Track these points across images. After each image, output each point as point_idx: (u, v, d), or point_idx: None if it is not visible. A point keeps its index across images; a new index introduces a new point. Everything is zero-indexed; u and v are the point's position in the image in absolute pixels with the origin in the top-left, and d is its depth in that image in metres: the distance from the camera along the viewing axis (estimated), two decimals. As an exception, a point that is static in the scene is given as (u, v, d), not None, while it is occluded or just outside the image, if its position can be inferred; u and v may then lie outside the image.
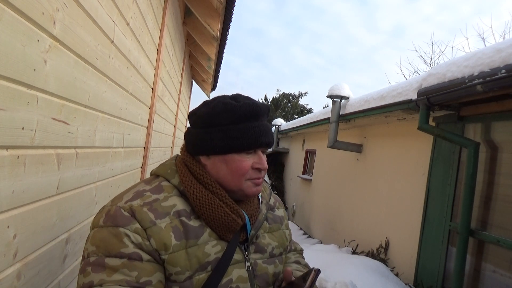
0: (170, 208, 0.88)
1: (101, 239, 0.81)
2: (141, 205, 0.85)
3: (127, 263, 0.79)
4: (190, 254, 0.86)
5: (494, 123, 2.92)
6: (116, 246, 0.80)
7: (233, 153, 0.92)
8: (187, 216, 0.89)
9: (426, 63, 17.27)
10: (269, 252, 1.01)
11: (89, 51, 1.25)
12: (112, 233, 0.81)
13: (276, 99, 16.26)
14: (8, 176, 0.84)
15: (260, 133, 0.93)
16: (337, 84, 5.46)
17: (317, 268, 0.95)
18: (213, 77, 7.00)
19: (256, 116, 0.94)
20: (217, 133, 0.92)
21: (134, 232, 0.81)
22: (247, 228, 0.96)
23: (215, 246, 0.89)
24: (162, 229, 0.84)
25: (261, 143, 0.93)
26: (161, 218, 0.85)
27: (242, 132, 0.92)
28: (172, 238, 0.84)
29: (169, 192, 0.91)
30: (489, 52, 2.49)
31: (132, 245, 0.80)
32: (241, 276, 0.91)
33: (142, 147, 2.66)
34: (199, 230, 0.89)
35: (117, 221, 0.82)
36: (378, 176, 4.87)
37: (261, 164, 0.94)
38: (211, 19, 3.66)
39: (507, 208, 2.68)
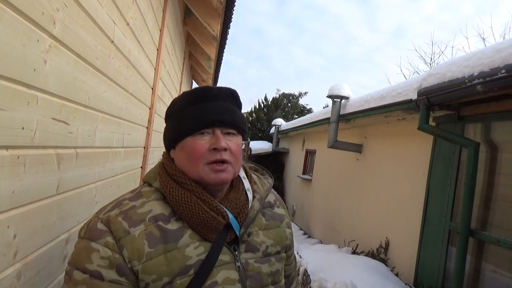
0: (146, 214, 0.85)
1: (76, 251, 0.83)
2: (117, 214, 0.84)
3: (88, 280, 0.79)
4: (169, 258, 0.83)
5: (494, 123, 2.92)
6: (83, 261, 0.80)
7: (187, 136, 0.90)
8: (165, 219, 0.86)
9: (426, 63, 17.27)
10: (262, 250, 0.96)
11: (89, 51, 1.25)
12: (85, 246, 0.81)
13: (276, 99, 16.25)
14: (8, 176, 0.84)
15: (209, 111, 0.90)
16: (337, 84, 5.46)
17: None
18: (213, 77, 7.01)
19: (205, 97, 0.92)
20: (173, 121, 0.94)
21: (104, 246, 0.80)
22: (234, 227, 0.91)
23: (197, 248, 0.86)
24: (135, 237, 0.82)
25: (210, 120, 0.89)
26: (135, 226, 0.83)
27: (190, 114, 0.90)
28: (145, 246, 0.82)
29: (148, 197, 0.89)
30: (489, 52, 2.49)
31: (98, 262, 0.79)
32: (228, 278, 0.87)
33: (142, 147, 2.66)
34: (178, 233, 0.85)
35: (91, 234, 0.82)
36: (378, 176, 4.87)
37: (217, 143, 0.88)
38: (211, 19, 3.67)
39: (507, 208, 2.68)
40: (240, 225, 0.93)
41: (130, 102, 2.02)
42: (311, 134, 8.70)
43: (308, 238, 7.30)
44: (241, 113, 0.98)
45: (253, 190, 1.01)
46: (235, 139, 0.94)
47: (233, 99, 0.98)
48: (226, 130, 0.92)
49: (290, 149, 11.20)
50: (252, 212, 0.96)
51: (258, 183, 1.05)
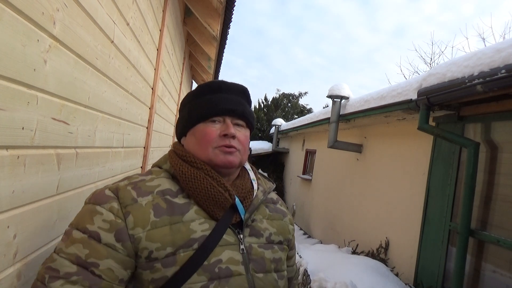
0: (154, 187, 0.90)
1: (80, 213, 0.86)
2: (126, 184, 0.89)
3: (85, 239, 0.81)
4: (174, 230, 0.85)
5: (494, 123, 2.92)
6: (85, 221, 0.83)
7: (199, 123, 0.97)
8: (172, 194, 0.90)
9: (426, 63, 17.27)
10: (265, 237, 0.99)
11: (89, 51, 1.25)
12: (90, 209, 0.85)
13: (276, 99, 16.25)
14: (8, 176, 0.84)
15: (220, 101, 0.97)
16: (337, 84, 5.46)
17: None
18: (213, 77, 7.00)
19: (219, 89, 1.00)
20: (186, 110, 1.01)
21: (108, 210, 0.83)
22: (240, 210, 0.94)
23: (202, 224, 0.89)
24: (142, 206, 0.85)
25: (221, 108, 0.96)
26: (143, 196, 0.87)
27: (203, 102, 0.98)
28: (151, 215, 0.85)
29: (157, 175, 0.94)
30: (489, 52, 2.49)
31: (99, 224, 0.82)
32: (232, 258, 0.89)
33: (142, 147, 2.66)
34: (184, 207, 0.89)
35: (97, 199, 0.86)
36: (378, 176, 4.87)
37: (227, 130, 0.95)
38: (211, 19, 3.66)
39: (507, 208, 2.68)
40: (245, 210, 0.96)
41: (130, 102, 2.02)
42: (311, 134, 8.70)
43: (308, 238, 7.30)
44: (250, 108, 1.05)
45: (258, 183, 1.06)
46: (243, 131, 1.00)
47: (244, 95, 1.05)
48: (235, 120, 0.98)
49: (290, 149, 11.20)
50: (257, 200, 1.00)
51: (261, 180, 1.10)
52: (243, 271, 0.89)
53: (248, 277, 0.90)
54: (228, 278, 0.86)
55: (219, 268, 0.86)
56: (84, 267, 0.79)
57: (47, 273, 0.79)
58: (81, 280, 0.78)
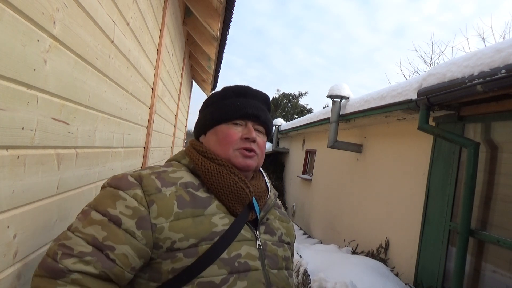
0: (177, 179, 0.92)
1: (100, 196, 0.87)
2: (149, 173, 0.90)
3: (105, 222, 0.82)
4: (197, 222, 0.87)
5: (494, 123, 2.92)
6: (106, 204, 0.84)
7: (221, 123, 1.00)
8: (194, 187, 0.92)
9: (426, 63, 17.27)
10: (278, 236, 1.03)
11: (89, 51, 1.25)
12: (111, 193, 0.86)
13: (276, 99, 16.25)
14: (8, 176, 0.84)
15: (245, 105, 1.01)
16: (337, 84, 5.46)
17: None
18: (213, 77, 7.00)
19: (244, 93, 1.03)
20: (209, 110, 1.05)
21: (131, 197, 0.84)
22: (256, 208, 0.98)
23: (222, 218, 0.91)
24: (166, 196, 0.87)
25: (246, 113, 1.00)
26: (166, 187, 0.88)
27: (229, 104, 1.01)
28: (174, 206, 0.86)
29: (178, 168, 0.96)
30: (489, 52, 2.49)
31: (122, 209, 0.83)
32: (250, 253, 0.92)
33: (142, 147, 2.66)
34: (206, 201, 0.91)
35: (120, 184, 0.86)
36: (378, 176, 4.87)
37: (249, 134, 0.99)
38: (211, 19, 3.66)
39: (507, 208, 2.68)
40: (260, 208, 1.00)
41: (130, 102, 2.02)
42: (311, 134, 8.70)
43: (308, 238, 7.30)
44: (270, 116, 1.11)
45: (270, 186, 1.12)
46: (262, 136, 1.05)
47: (266, 103, 1.10)
48: (256, 126, 1.03)
49: (290, 149, 11.20)
50: (270, 201, 1.06)
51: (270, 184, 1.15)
52: (260, 266, 0.92)
53: (264, 272, 0.92)
54: (246, 273, 0.89)
55: (238, 263, 0.89)
56: (99, 249, 0.80)
57: (60, 249, 0.79)
58: (94, 261, 0.78)
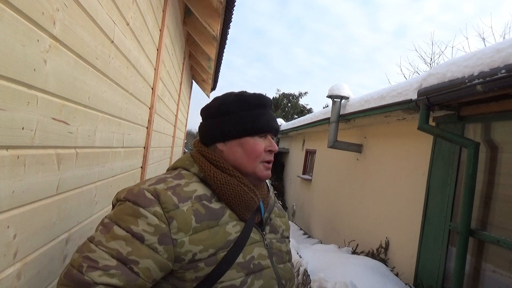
0: (192, 193, 0.95)
1: (120, 210, 0.90)
2: (165, 189, 0.93)
3: (129, 238, 0.86)
4: (213, 233, 0.93)
5: (494, 123, 2.92)
6: (128, 222, 0.87)
7: (247, 136, 1.03)
8: (207, 199, 0.97)
9: (426, 63, 17.27)
10: (280, 232, 1.12)
11: (89, 51, 1.25)
12: (132, 208, 0.89)
13: (276, 99, 16.25)
14: (8, 176, 0.84)
15: (270, 119, 1.07)
16: (337, 84, 5.46)
17: None
18: (213, 77, 7.00)
19: (264, 105, 1.07)
20: (232, 119, 1.04)
21: (152, 215, 0.88)
22: (261, 210, 1.06)
23: (235, 226, 0.97)
24: (184, 212, 0.91)
25: (271, 127, 1.06)
26: (183, 202, 0.92)
27: (255, 117, 1.04)
28: (192, 221, 0.91)
29: (189, 179, 0.99)
30: (489, 52, 2.49)
31: (144, 226, 0.87)
32: (261, 254, 1.00)
33: (142, 147, 2.66)
34: (220, 212, 0.97)
35: (139, 201, 0.89)
36: (378, 176, 4.87)
37: (273, 146, 1.06)
38: (211, 19, 3.66)
39: (507, 208, 2.68)
40: (264, 210, 1.08)
41: (130, 102, 2.02)
42: (311, 134, 8.70)
43: (308, 238, 7.29)
44: None
45: None
46: None
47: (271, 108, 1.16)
48: (273, 136, 1.11)
49: (290, 149, 11.20)
50: (272, 200, 1.14)
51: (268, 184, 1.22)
52: (270, 264, 1.01)
53: (274, 269, 1.02)
54: (260, 272, 0.98)
55: (253, 264, 0.97)
56: (123, 263, 0.84)
57: (85, 262, 0.83)
58: (119, 274, 0.83)
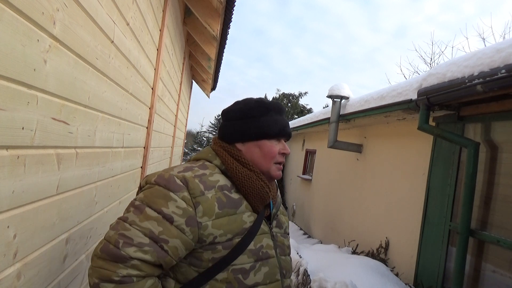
0: (215, 182, 1.07)
1: (151, 193, 1.01)
2: (192, 176, 1.04)
3: (160, 219, 0.96)
4: (231, 220, 1.05)
5: (494, 123, 2.92)
6: (160, 204, 0.98)
7: (265, 139, 1.16)
8: (228, 190, 1.08)
9: (426, 63, 17.27)
10: (284, 228, 1.25)
11: (89, 51, 1.25)
12: (163, 193, 0.99)
13: (276, 99, 16.26)
14: (8, 176, 0.84)
15: (286, 125, 1.20)
16: (337, 84, 5.45)
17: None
18: (213, 77, 7.00)
19: (281, 111, 1.21)
20: (252, 123, 1.16)
21: (181, 199, 0.99)
22: (271, 206, 1.18)
23: (249, 216, 1.09)
24: (208, 198, 1.02)
25: (287, 132, 1.19)
26: (208, 190, 1.04)
27: (274, 122, 1.17)
28: (215, 207, 1.03)
29: (213, 170, 1.10)
30: (489, 52, 2.49)
31: (174, 209, 0.97)
32: (268, 244, 1.12)
33: (142, 147, 2.66)
34: (238, 202, 1.08)
35: (170, 185, 1.00)
36: (378, 176, 4.87)
37: (286, 150, 1.19)
38: (211, 19, 3.66)
39: (507, 208, 2.68)
40: (273, 206, 1.20)
41: (130, 102, 2.02)
42: (311, 134, 8.70)
43: (308, 238, 7.29)
44: None
45: None
46: None
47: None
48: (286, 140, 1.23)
49: (290, 149, 11.19)
50: (279, 198, 1.27)
51: None
52: (274, 254, 1.13)
53: (278, 259, 1.14)
54: (267, 260, 1.10)
55: (262, 252, 1.09)
56: (155, 241, 0.95)
57: (121, 238, 0.93)
58: (151, 251, 0.94)
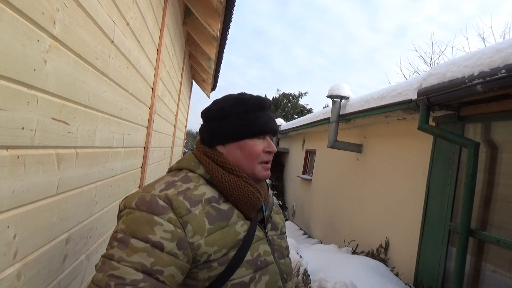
0: (201, 196, 0.97)
1: (133, 221, 0.89)
2: (175, 193, 0.94)
3: (149, 248, 0.86)
4: (225, 233, 0.96)
5: (494, 123, 2.92)
6: (145, 231, 0.87)
7: (246, 138, 1.05)
8: (216, 201, 0.99)
9: (426, 63, 17.27)
10: (279, 229, 1.17)
11: (89, 51, 1.25)
12: (146, 218, 0.88)
13: (276, 99, 16.26)
14: (8, 176, 0.84)
15: (268, 120, 1.08)
16: (337, 84, 5.46)
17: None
18: (213, 77, 7.00)
19: (263, 106, 1.09)
20: (231, 122, 1.06)
21: (167, 222, 0.89)
22: (263, 209, 1.10)
23: (243, 225, 1.01)
24: (196, 215, 0.93)
25: (270, 128, 1.08)
26: (195, 206, 0.94)
27: (254, 120, 1.06)
28: (206, 223, 0.94)
29: (197, 181, 1.01)
30: (489, 52, 2.49)
31: (161, 234, 0.87)
32: (266, 250, 1.04)
33: (142, 147, 2.66)
34: (229, 212, 1.00)
35: (153, 208, 0.90)
36: (378, 176, 4.87)
37: (271, 147, 1.08)
38: (211, 19, 3.66)
39: (507, 208, 2.68)
40: (266, 208, 1.12)
41: (130, 102, 2.02)
42: (311, 134, 8.70)
43: (308, 238, 7.30)
44: None
45: None
46: None
47: (270, 108, 1.17)
48: (272, 137, 1.12)
49: (290, 149, 11.20)
50: (271, 199, 1.18)
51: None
52: (273, 259, 1.06)
53: (277, 264, 1.06)
54: (266, 267, 1.02)
55: (260, 261, 1.01)
56: (149, 274, 0.85)
57: (112, 280, 0.83)
58: (148, 286, 0.84)
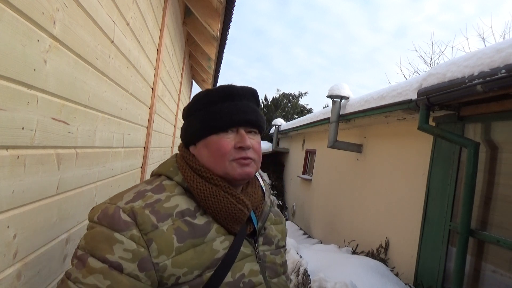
0: (173, 209, 0.85)
1: (92, 236, 0.79)
2: (142, 206, 0.82)
3: (106, 269, 0.76)
4: (198, 252, 0.83)
5: (494, 123, 2.92)
6: (103, 250, 0.77)
7: (212, 134, 0.92)
8: (191, 214, 0.86)
9: (426, 63, 17.27)
10: (275, 243, 1.02)
11: (89, 51, 1.25)
12: (105, 234, 0.78)
13: (276, 99, 16.26)
14: (8, 176, 0.83)
15: (235, 111, 0.92)
16: (337, 84, 5.46)
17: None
18: (213, 77, 7.01)
19: (231, 96, 0.93)
20: (196, 119, 0.95)
21: (129, 239, 0.78)
22: (253, 220, 0.94)
23: (223, 242, 0.87)
24: (164, 232, 0.81)
25: (237, 120, 0.92)
26: (163, 221, 0.82)
27: (217, 113, 0.92)
28: (174, 241, 0.81)
29: (171, 191, 0.88)
30: (489, 52, 2.49)
31: (120, 253, 0.77)
32: (252, 269, 0.90)
33: (142, 147, 2.66)
34: (205, 227, 0.86)
35: (114, 223, 0.79)
36: (378, 176, 4.87)
37: (243, 142, 0.90)
38: (211, 19, 3.67)
39: (507, 208, 2.68)
40: (257, 219, 0.96)
41: (130, 102, 2.02)
42: (311, 134, 8.70)
43: (308, 238, 7.30)
44: (261, 112, 1.00)
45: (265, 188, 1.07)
46: (256, 138, 0.97)
47: (254, 99, 1.00)
48: (249, 128, 0.94)
49: (290, 149, 11.20)
50: (266, 207, 1.01)
51: (265, 182, 1.09)
52: (262, 280, 0.91)
53: (267, 284, 0.92)
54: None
55: (243, 283, 0.87)
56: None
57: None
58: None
